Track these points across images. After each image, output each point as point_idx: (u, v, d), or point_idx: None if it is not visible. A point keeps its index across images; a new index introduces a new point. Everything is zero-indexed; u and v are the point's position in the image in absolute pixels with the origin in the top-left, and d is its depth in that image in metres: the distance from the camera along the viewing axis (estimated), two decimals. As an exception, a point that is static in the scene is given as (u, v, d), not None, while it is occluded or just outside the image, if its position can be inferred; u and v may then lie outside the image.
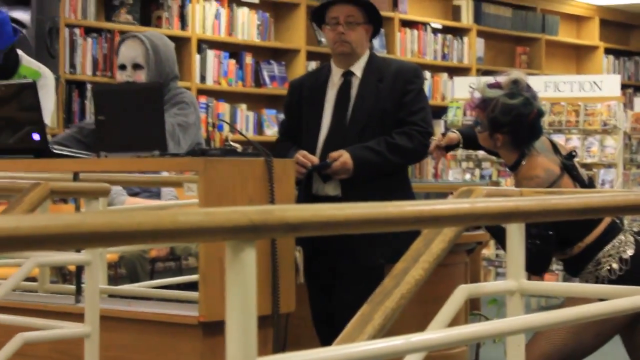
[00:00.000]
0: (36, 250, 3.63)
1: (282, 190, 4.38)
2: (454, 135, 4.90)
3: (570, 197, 2.56)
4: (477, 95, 4.53)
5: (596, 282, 4.31)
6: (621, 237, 4.36)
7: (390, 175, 4.91)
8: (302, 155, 4.83)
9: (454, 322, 2.68)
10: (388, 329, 2.54)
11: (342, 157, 4.78)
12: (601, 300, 2.98)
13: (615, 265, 4.30)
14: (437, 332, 2.41)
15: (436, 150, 4.96)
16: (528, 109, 4.47)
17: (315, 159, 4.83)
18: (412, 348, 2.24)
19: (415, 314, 4.07)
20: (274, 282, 4.33)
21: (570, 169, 4.45)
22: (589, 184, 4.59)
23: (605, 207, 2.54)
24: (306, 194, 4.89)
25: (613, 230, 4.37)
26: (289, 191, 4.50)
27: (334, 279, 4.87)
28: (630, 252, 4.34)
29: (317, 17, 5.05)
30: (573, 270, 4.50)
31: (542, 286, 3.57)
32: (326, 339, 4.30)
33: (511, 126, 4.47)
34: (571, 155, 4.54)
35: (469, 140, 4.89)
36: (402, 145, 4.84)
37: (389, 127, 4.87)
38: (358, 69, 4.98)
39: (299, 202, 4.91)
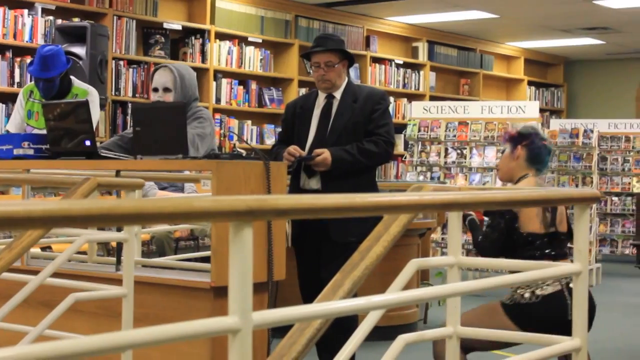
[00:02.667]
0: (83, 226, 3.62)
1: (276, 185, 4.39)
2: None
3: (495, 192, 2.56)
4: (511, 129, 4.52)
5: (511, 300, 4.10)
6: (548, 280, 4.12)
7: (361, 175, 4.94)
8: (293, 147, 4.90)
9: (407, 289, 2.67)
10: (355, 293, 2.54)
11: (324, 154, 4.83)
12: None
13: (527, 295, 4.08)
14: (392, 295, 2.41)
15: None
16: (542, 136, 4.47)
17: (303, 152, 4.88)
18: (372, 306, 2.25)
19: (377, 282, 4.09)
20: (269, 255, 4.34)
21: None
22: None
23: (523, 200, 2.55)
24: (295, 187, 4.99)
25: None
26: (282, 186, 4.51)
27: (318, 254, 4.89)
28: (543, 292, 4.10)
29: (305, 57, 5.12)
30: None
31: (475, 261, 3.57)
32: (309, 301, 4.31)
33: (529, 140, 4.40)
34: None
35: None
36: (370, 149, 4.88)
37: (359, 136, 4.92)
38: (338, 93, 5.02)
39: (290, 194, 4.94)
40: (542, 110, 13.89)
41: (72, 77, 5.98)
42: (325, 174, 4.87)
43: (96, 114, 5.78)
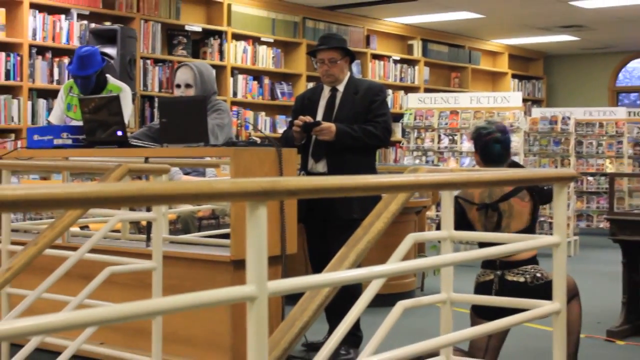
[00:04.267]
0: (117, 207, 3.61)
1: (288, 169, 4.40)
2: None
3: (482, 173, 2.56)
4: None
5: None
6: (488, 270, 4.09)
7: (362, 159, 4.91)
8: (300, 118, 4.85)
9: (405, 260, 2.67)
10: (359, 264, 2.55)
11: (330, 123, 4.81)
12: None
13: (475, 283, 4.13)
14: (392, 265, 2.41)
15: None
16: (487, 130, 4.23)
17: (309, 119, 4.83)
18: (375, 275, 2.25)
19: (378, 255, 4.09)
20: (282, 231, 4.34)
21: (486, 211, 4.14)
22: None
23: (505, 180, 2.55)
24: (304, 170, 4.95)
25: (490, 263, 4.08)
26: (293, 169, 4.52)
27: (325, 230, 4.88)
28: (478, 280, 4.12)
29: (312, 54, 5.09)
30: None
31: (465, 235, 3.56)
32: (318, 272, 4.31)
33: (476, 142, 4.25)
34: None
35: None
36: (370, 130, 4.86)
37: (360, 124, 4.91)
38: (341, 86, 5.00)
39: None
40: (524, 100, 13.85)
41: (107, 75, 5.99)
42: (330, 159, 4.85)
43: (128, 109, 5.79)
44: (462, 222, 4.04)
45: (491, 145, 4.23)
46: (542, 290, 3.92)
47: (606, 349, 5.30)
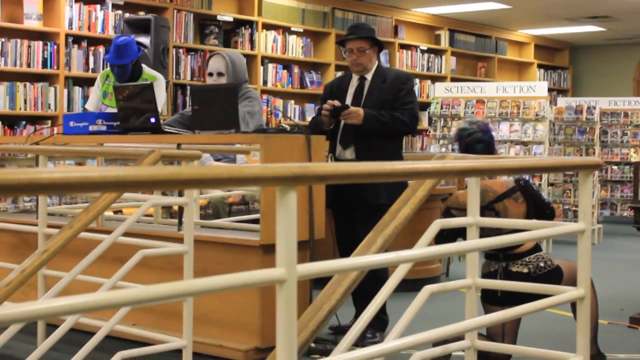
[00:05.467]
0: (150, 190, 3.62)
1: (316, 155, 4.39)
2: None
3: (507, 160, 2.54)
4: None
5: None
6: (492, 262, 4.10)
7: (389, 145, 4.88)
8: (328, 102, 4.83)
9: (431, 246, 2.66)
10: (386, 249, 2.54)
11: (358, 108, 4.81)
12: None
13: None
14: (419, 250, 2.40)
15: None
16: (467, 131, 4.26)
17: (337, 103, 4.81)
18: (401, 260, 2.24)
19: (405, 241, 4.07)
20: (310, 216, 4.34)
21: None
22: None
23: (532, 167, 2.53)
24: (332, 157, 4.94)
25: (493, 255, 4.10)
26: (321, 156, 4.52)
27: (353, 215, 4.87)
28: (484, 270, 4.10)
29: (341, 44, 5.07)
30: None
31: (491, 221, 3.54)
32: (345, 256, 4.30)
33: (459, 144, 4.28)
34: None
35: None
36: (398, 116, 4.84)
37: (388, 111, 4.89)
38: (369, 75, 4.98)
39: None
40: (550, 90, 13.75)
41: (142, 64, 6.00)
42: (358, 146, 4.83)
43: (162, 97, 5.81)
44: (460, 231, 3.98)
45: (473, 145, 4.24)
46: (546, 278, 3.93)
47: (629, 335, 5.26)
